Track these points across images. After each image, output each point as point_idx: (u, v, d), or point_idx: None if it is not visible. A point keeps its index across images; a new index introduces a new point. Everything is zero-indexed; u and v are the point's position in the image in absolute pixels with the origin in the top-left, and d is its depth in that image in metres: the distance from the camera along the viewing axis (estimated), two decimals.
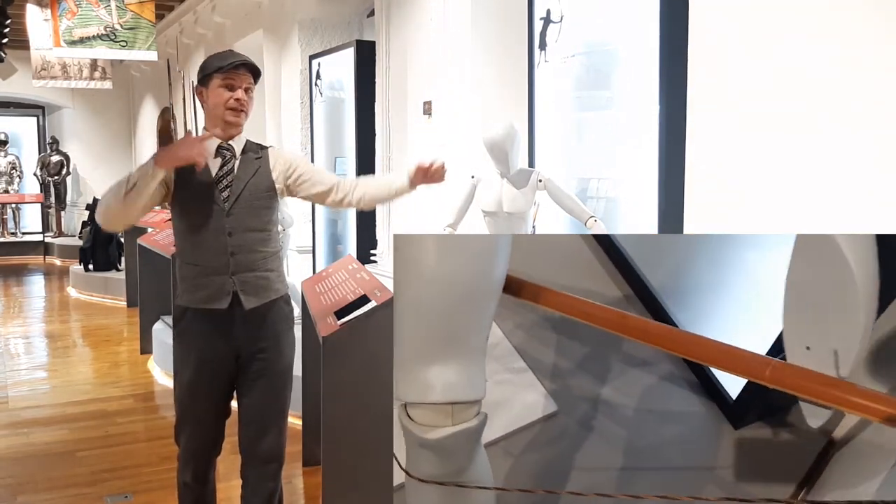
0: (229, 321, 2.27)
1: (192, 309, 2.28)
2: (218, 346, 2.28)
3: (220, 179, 2.26)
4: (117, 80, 11.66)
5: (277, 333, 2.34)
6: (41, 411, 4.50)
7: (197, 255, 2.26)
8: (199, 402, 2.33)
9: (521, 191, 3.34)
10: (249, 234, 2.27)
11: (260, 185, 2.30)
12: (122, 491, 3.32)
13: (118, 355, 5.94)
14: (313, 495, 3.22)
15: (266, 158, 2.35)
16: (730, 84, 2.78)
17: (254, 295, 2.27)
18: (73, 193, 13.15)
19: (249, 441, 2.35)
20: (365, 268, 3.13)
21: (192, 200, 2.26)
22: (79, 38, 8.24)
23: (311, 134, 6.38)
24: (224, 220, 2.24)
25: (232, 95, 2.25)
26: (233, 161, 2.29)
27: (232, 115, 2.26)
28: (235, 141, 2.32)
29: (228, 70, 2.24)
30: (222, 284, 2.24)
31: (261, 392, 2.32)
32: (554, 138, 3.78)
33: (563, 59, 3.64)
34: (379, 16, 5.13)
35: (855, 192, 2.38)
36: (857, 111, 2.37)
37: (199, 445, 2.37)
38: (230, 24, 8.17)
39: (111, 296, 8.07)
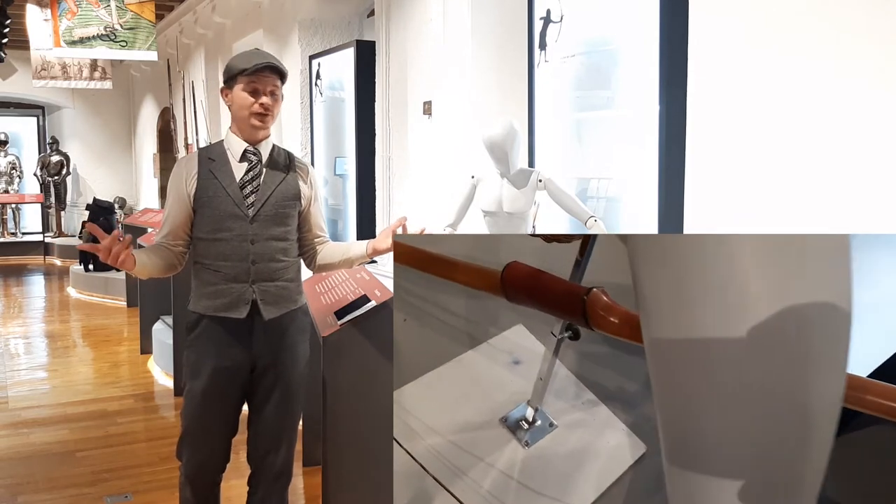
0: (247, 331, 2.21)
1: (209, 316, 2.21)
2: (234, 355, 2.22)
3: (244, 185, 2.21)
4: (117, 80, 11.66)
5: (294, 345, 2.30)
6: (41, 411, 4.50)
7: (217, 261, 2.20)
8: (210, 412, 2.25)
9: (521, 191, 3.34)
10: (272, 243, 2.22)
11: (287, 193, 2.25)
12: (122, 491, 3.32)
13: (118, 355, 5.94)
14: (313, 495, 3.22)
15: (294, 166, 2.30)
16: (730, 84, 2.78)
17: (273, 305, 2.22)
18: (73, 193, 13.14)
19: (260, 455, 2.32)
20: (365, 268, 3.13)
21: (215, 206, 2.19)
22: (79, 38, 8.24)
23: (311, 134, 6.38)
24: (247, 227, 2.19)
25: (256, 101, 2.18)
26: (259, 166, 2.23)
27: (257, 120, 2.19)
28: (262, 145, 2.26)
29: (253, 73, 2.17)
30: (242, 293, 2.19)
31: (274, 405, 2.28)
32: (554, 138, 3.78)
33: (563, 58, 3.64)
34: (379, 16, 5.13)
35: (855, 192, 2.38)
36: (857, 111, 2.37)
37: (205, 460, 2.28)
38: (230, 24, 8.16)
39: (111, 296, 8.08)
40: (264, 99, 2.18)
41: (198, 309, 2.24)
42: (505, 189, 3.37)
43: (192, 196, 2.21)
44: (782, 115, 2.59)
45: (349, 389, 2.53)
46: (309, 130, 6.42)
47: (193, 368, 2.26)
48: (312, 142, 6.35)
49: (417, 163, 4.73)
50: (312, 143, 6.35)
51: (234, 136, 2.26)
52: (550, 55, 3.71)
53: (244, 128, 2.22)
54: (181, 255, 2.28)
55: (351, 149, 5.72)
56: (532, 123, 3.85)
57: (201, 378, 2.23)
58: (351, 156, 5.74)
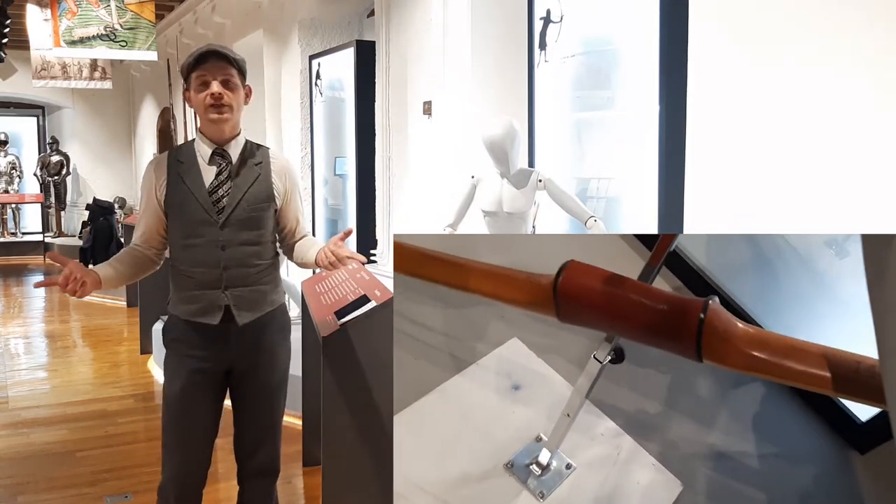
0: (223, 336, 2.17)
1: (185, 320, 2.18)
2: (210, 357, 2.18)
3: (214, 190, 2.13)
4: (117, 80, 11.65)
5: (273, 346, 2.26)
6: (41, 411, 4.49)
7: (191, 267, 2.15)
8: (188, 417, 2.20)
9: (521, 191, 3.33)
10: (243, 248, 2.15)
11: (259, 195, 2.17)
12: (122, 491, 3.31)
13: (118, 355, 5.93)
14: (313, 495, 3.22)
15: (267, 164, 2.20)
16: (729, 84, 2.78)
17: (247, 310, 2.17)
18: (73, 193, 13.14)
19: (245, 454, 2.31)
20: (365, 268, 3.13)
21: (184, 212, 2.13)
22: (79, 38, 8.24)
23: (311, 134, 6.38)
24: (218, 233, 2.12)
25: (208, 92, 2.07)
26: (228, 169, 2.15)
27: (213, 113, 2.08)
28: (232, 145, 2.16)
29: (198, 66, 2.08)
30: (214, 299, 2.14)
31: (256, 406, 2.26)
32: (554, 138, 3.78)
33: (563, 58, 3.64)
34: (379, 16, 5.13)
35: (855, 192, 2.38)
36: (857, 110, 2.37)
37: (185, 471, 2.21)
38: (230, 24, 8.16)
39: (111, 296, 8.07)
40: (215, 88, 2.07)
41: (175, 312, 2.21)
42: (505, 189, 3.37)
43: (162, 202, 2.17)
44: (782, 114, 2.59)
45: (349, 389, 2.52)
46: (309, 130, 6.42)
47: (171, 371, 2.23)
48: (312, 142, 6.35)
49: (417, 163, 4.73)
50: (312, 143, 6.35)
51: (202, 138, 2.17)
52: (550, 55, 3.71)
53: (206, 126, 2.13)
54: (157, 254, 2.25)
55: (351, 149, 5.72)
56: (532, 123, 3.84)
57: (178, 381, 2.19)
58: (351, 156, 5.74)
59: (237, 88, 2.13)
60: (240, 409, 2.29)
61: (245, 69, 2.17)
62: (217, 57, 2.09)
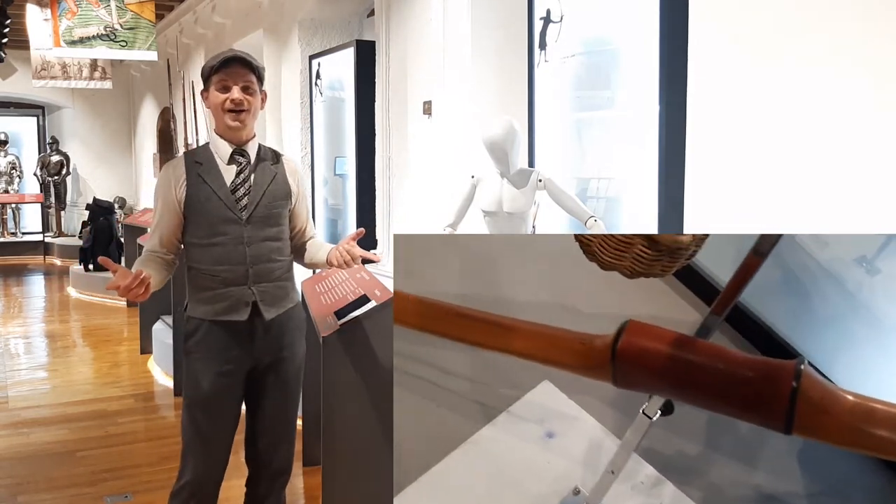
0: (249, 333, 2.20)
1: (209, 321, 2.19)
2: (236, 358, 2.20)
3: (236, 188, 2.19)
4: (117, 80, 11.66)
5: (293, 342, 2.31)
6: (41, 411, 4.49)
7: (214, 266, 2.17)
8: (214, 419, 2.22)
9: (521, 191, 3.33)
10: (266, 244, 2.21)
11: (277, 193, 2.24)
12: (122, 491, 3.32)
13: (118, 355, 5.94)
14: (313, 495, 3.22)
15: (281, 164, 2.28)
16: (730, 84, 2.78)
17: (273, 305, 2.22)
18: (73, 193, 13.15)
19: (260, 454, 2.31)
20: (365, 268, 3.13)
21: (207, 211, 2.17)
22: (79, 38, 8.24)
23: (311, 134, 6.38)
24: (242, 230, 2.17)
25: (228, 97, 2.14)
26: (248, 168, 2.22)
27: (231, 118, 2.16)
28: (249, 146, 2.23)
29: (220, 69, 2.14)
30: (241, 295, 2.17)
31: (275, 404, 2.29)
32: (554, 138, 3.78)
33: (563, 58, 3.64)
34: (379, 16, 5.13)
35: (856, 192, 2.38)
36: (858, 110, 2.37)
37: (208, 474, 2.23)
38: (230, 24, 8.16)
39: (111, 296, 8.07)
40: (235, 94, 2.14)
41: (197, 314, 2.21)
42: (505, 189, 3.37)
43: (182, 202, 2.18)
44: (782, 114, 2.59)
45: (349, 389, 2.52)
46: (309, 130, 6.43)
47: (195, 375, 2.22)
48: (312, 142, 6.35)
49: (417, 163, 4.73)
50: (312, 143, 6.35)
51: (219, 139, 2.23)
52: (550, 55, 3.71)
53: (223, 128, 2.20)
54: (175, 258, 2.28)
55: (351, 149, 5.72)
56: (532, 123, 3.85)
57: (204, 384, 2.20)
58: (351, 156, 5.75)
59: (255, 94, 2.21)
60: (258, 408, 2.30)
61: (264, 76, 2.23)
62: (240, 63, 2.16)
